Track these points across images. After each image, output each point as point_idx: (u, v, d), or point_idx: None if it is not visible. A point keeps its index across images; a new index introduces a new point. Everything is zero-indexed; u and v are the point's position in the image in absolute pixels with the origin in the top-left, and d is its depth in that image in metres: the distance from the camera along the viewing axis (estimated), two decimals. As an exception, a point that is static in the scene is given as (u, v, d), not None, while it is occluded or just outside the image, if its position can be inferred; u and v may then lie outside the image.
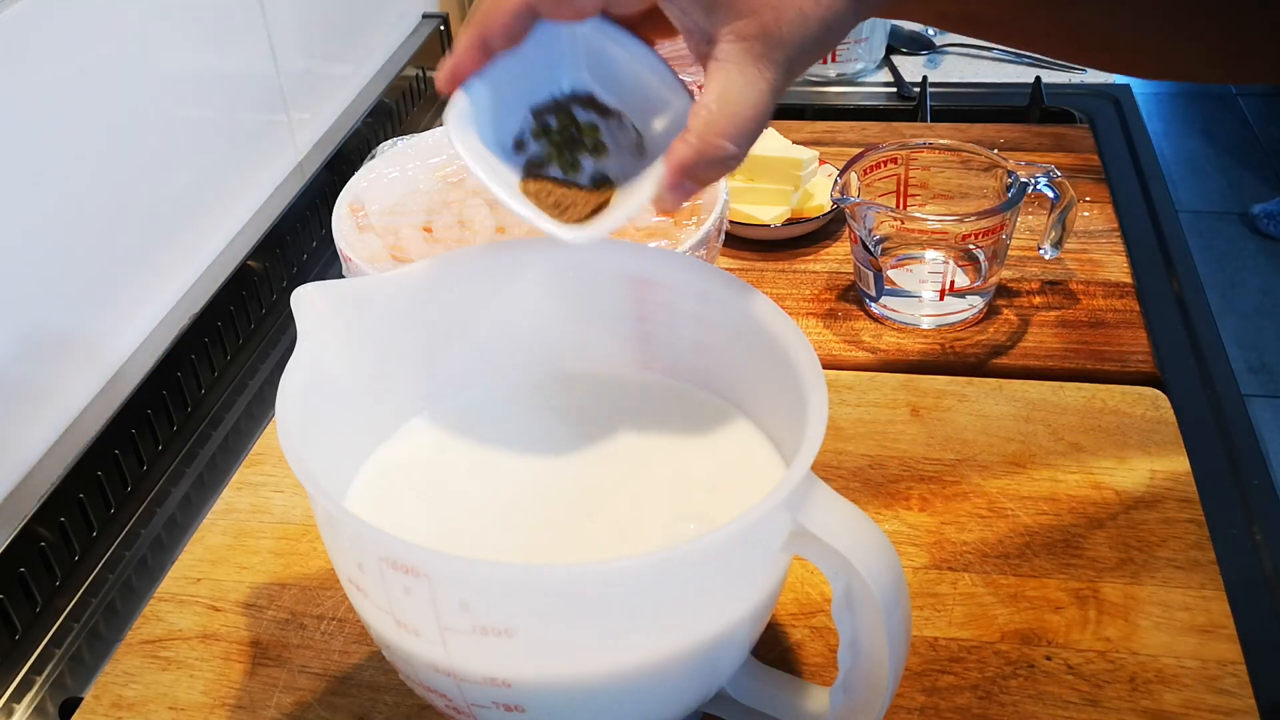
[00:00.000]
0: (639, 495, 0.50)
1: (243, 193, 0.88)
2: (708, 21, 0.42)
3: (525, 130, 0.48)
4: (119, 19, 0.72)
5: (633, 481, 0.50)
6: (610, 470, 0.51)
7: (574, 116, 0.48)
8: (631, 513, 0.49)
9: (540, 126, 0.48)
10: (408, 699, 0.53)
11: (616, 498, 0.50)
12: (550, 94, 0.48)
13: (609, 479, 0.51)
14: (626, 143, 0.48)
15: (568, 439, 0.53)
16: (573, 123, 0.48)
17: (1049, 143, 0.97)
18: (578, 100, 0.48)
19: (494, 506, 0.50)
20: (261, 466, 0.67)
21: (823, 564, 0.42)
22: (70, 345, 0.69)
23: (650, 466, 0.51)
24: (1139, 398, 0.68)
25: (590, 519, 0.49)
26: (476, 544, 0.48)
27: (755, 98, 0.42)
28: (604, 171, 0.48)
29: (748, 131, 0.43)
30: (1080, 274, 0.81)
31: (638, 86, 0.47)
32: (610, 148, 0.48)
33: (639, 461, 0.52)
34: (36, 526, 0.63)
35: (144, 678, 0.55)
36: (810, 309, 0.80)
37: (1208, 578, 0.57)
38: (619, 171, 0.48)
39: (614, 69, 0.47)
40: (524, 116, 0.48)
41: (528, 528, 0.48)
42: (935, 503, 0.62)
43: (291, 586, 0.60)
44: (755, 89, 0.42)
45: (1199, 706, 0.51)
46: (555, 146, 0.48)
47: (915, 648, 0.54)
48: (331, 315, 0.48)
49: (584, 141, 0.48)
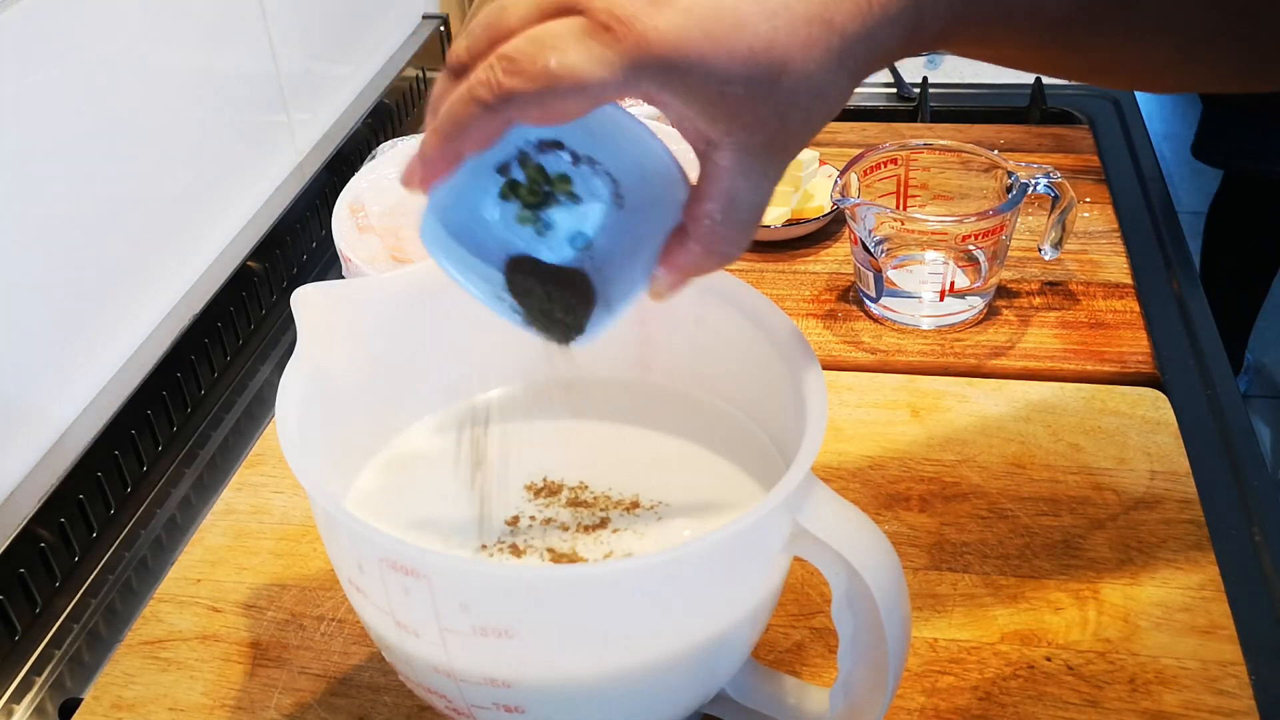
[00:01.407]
0: (639, 496, 0.50)
1: (243, 193, 0.88)
2: (710, 130, 0.40)
3: (495, 195, 0.45)
4: (119, 19, 0.72)
5: (633, 482, 0.50)
6: (610, 471, 0.51)
7: (543, 169, 0.44)
8: (632, 514, 0.49)
9: (509, 184, 0.45)
10: (408, 700, 0.53)
11: (617, 499, 0.50)
12: (516, 146, 0.44)
13: (609, 480, 0.51)
14: (603, 191, 0.45)
15: (568, 440, 0.53)
16: (543, 177, 0.45)
17: (1049, 143, 0.97)
18: (545, 147, 0.44)
19: (494, 507, 0.50)
20: (261, 467, 0.67)
21: (823, 564, 0.42)
22: (70, 345, 0.69)
23: (650, 467, 0.51)
24: (1139, 398, 0.68)
25: (590, 520, 0.49)
26: (476, 545, 0.48)
27: (759, 201, 0.41)
28: (582, 231, 0.46)
29: (750, 235, 0.42)
30: (1080, 275, 0.81)
31: (607, 131, 0.43)
32: (584, 198, 0.45)
33: (639, 463, 0.52)
34: (36, 527, 0.63)
35: (144, 678, 0.55)
36: (810, 310, 0.80)
37: (1208, 578, 0.57)
38: (598, 228, 0.45)
39: (582, 118, 0.42)
40: (492, 179, 0.45)
41: (527, 528, 0.48)
42: (935, 503, 0.62)
43: (291, 587, 0.60)
44: (759, 193, 0.41)
45: (1199, 707, 0.51)
46: (527, 208, 0.45)
47: (915, 648, 0.54)
48: (331, 315, 0.48)
49: (556, 196, 0.45)
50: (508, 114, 0.38)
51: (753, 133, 0.39)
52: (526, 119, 0.38)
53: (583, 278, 0.46)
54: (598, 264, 0.46)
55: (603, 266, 0.46)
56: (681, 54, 0.37)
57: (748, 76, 0.38)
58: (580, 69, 0.36)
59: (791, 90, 0.39)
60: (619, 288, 0.45)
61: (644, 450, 0.52)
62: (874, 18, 0.40)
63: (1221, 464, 0.66)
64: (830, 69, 0.40)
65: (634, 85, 0.38)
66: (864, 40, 0.40)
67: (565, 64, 0.36)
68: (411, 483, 0.51)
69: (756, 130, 0.39)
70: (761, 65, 0.38)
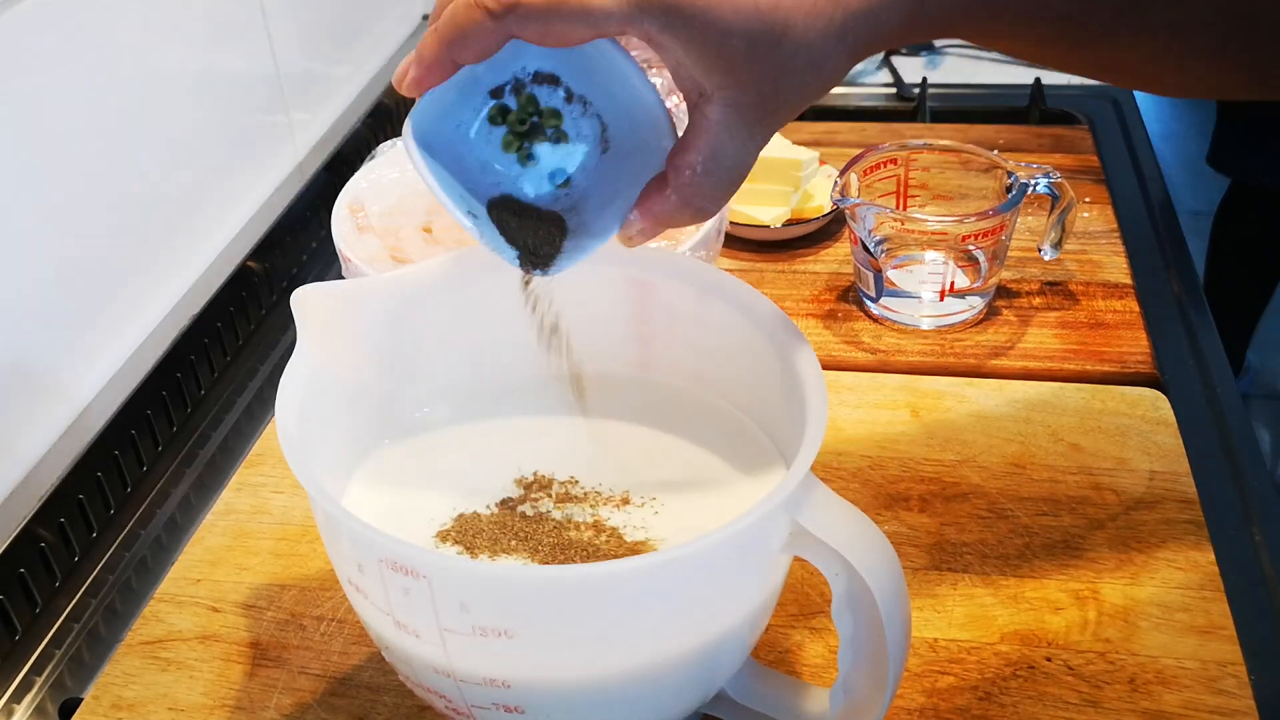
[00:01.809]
0: (639, 496, 0.50)
1: (242, 193, 0.88)
2: (704, 80, 0.40)
3: (483, 117, 0.45)
4: (119, 20, 0.72)
5: (633, 482, 0.50)
6: (610, 471, 0.51)
7: (535, 100, 0.45)
8: (632, 514, 0.49)
9: (499, 109, 0.45)
10: (407, 700, 0.53)
11: (617, 499, 0.50)
12: (512, 73, 0.44)
13: (609, 480, 0.51)
14: (590, 133, 0.46)
15: (568, 440, 0.53)
16: (534, 107, 0.45)
17: (1049, 144, 0.97)
18: (541, 80, 0.45)
19: (493, 507, 0.50)
20: (261, 467, 0.67)
21: (823, 564, 0.42)
22: (70, 345, 0.69)
23: (650, 467, 0.51)
24: (1139, 398, 0.68)
25: (590, 520, 0.49)
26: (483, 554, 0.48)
27: (743, 161, 0.42)
28: (564, 169, 0.46)
29: (729, 194, 0.43)
30: (1080, 275, 0.81)
31: (604, 73, 0.44)
32: (572, 137, 0.46)
33: (639, 462, 0.52)
34: (36, 527, 0.63)
35: (144, 678, 0.55)
36: (810, 310, 0.80)
37: (1207, 578, 0.57)
38: (580, 168, 0.46)
39: (582, 54, 0.43)
40: (484, 100, 0.45)
41: (527, 529, 0.48)
42: (935, 503, 0.62)
43: (291, 587, 0.60)
44: (744, 153, 0.41)
45: (1199, 707, 0.51)
46: (514, 135, 0.45)
47: (915, 648, 0.54)
48: (331, 315, 0.48)
49: (544, 129, 0.46)
50: (509, 26, 0.38)
51: (745, 90, 0.40)
52: (527, 35, 0.38)
53: (557, 216, 0.46)
54: (574, 202, 0.46)
55: (579, 205, 0.46)
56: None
57: (750, 32, 0.39)
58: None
59: (790, 54, 0.40)
60: (593, 228, 0.45)
61: (643, 449, 0.52)
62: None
63: (1221, 464, 0.66)
64: (830, 41, 0.40)
65: (637, 22, 0.38)
66: (866, 17, 0.40)
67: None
68: (411, 482, 0.51)
69: (750, 88, 0.40)
70: (765, 23, 0.39)
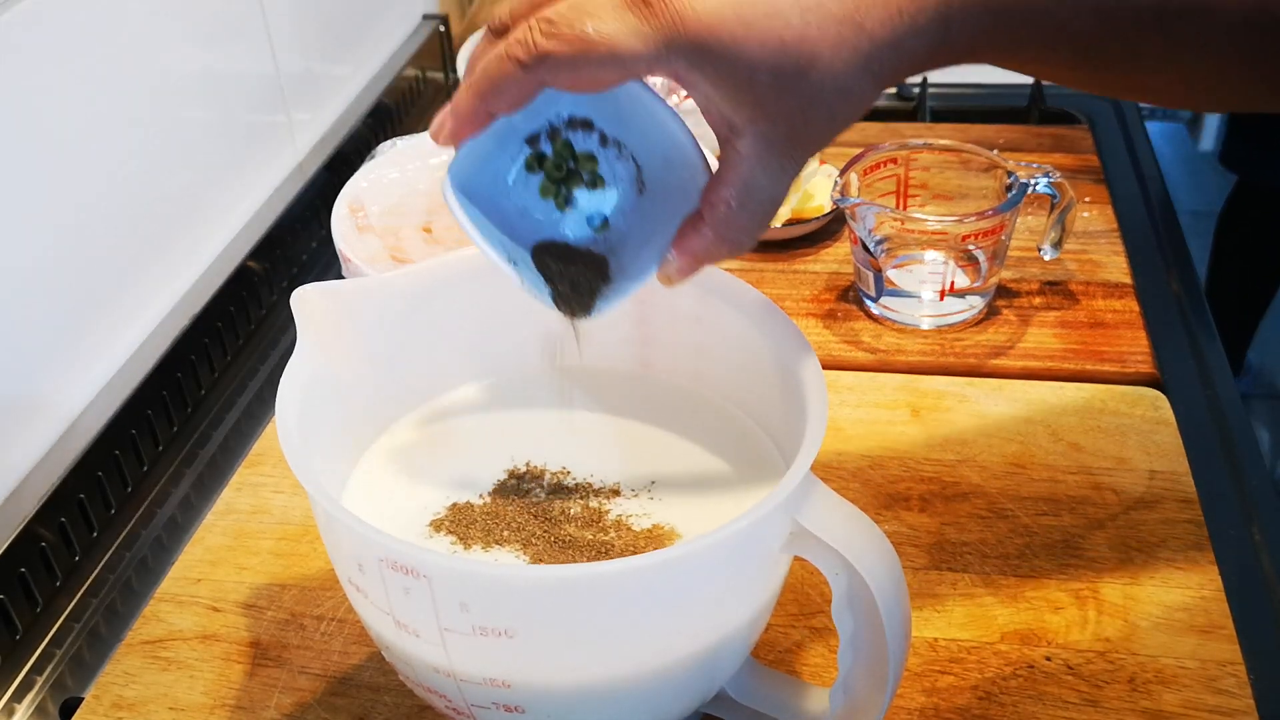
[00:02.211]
0: (639, 496, 0.50)
1: (242, 193, 0.88)
2: (734, 115, 0.40)
3: (520, 164, 0.46)
4: (119, 20, 0.72)
5: (633, 482, 0.51)
6: (611, 471, 0.51)
7: (571, 145, 0.46)
8: (632, 513, 0.49)
9: (535, 156, 0.46)
10: (407, 699, 0.53)
11: (617, 498, 0.50)
12: (547, 119, 0.45)
13: (609, 480, 0.51)
14: (625, 175, 0.46)
15: (568, 441, 0.53)
16: (570, 153, 0.46)
17: (1049, 143, 0.97)
18: (575, 125, 0.45)
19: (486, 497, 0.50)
20: (261, 467, 0.67)
21: (823, 564, 0.42)
22: (70, 345, 0.69)
23: (650, 467, 0.51)
24: (1138, 398, 0.68)
25: (590, 520, 0.49)
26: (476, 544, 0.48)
27: (776, 193, 0.42)
28: (601, 212, 0.47)
29: (765, 227, 0.43)
30: (1080, 274, 0.81)
31: (637, 115, 0.45)
32: (608, 181, 0.46)
33: (639, 462, 0.52)
34: (36, 527, 0.63)
35: (144, 678, 0.55)
36: (810, 309, 0.80)
37: (1207, 578, 0.57)
38: (616, 210, 0.47)
39: (614, 98, 0.44)
40: (520, 148, 0.46)
41: (527, 529, 0.48)
42: (935, 503, 0.62)
43: (291, 587, 0.60)
44: (777, 185, 0.41)
45: (1198, 707, 0.51)
46: (551, 181, 0.46)
47: (915, 648, 0.54)
48: (331, 315, 0.48)
49: (580, 174, 0.46)
50: (540, 75, 0.39)
51: (775, 123, 0.40)
52: (558, 83, 0.39)
53: (599, 259, 0.46)
54: (612, 245, 0.47)
55: (617, 248, 0.47)
56: (715, 36, 0.38)
57: (776, 66, 0.39)
58: (615, 38, 0.37)
59: (818, 86, 0.40)
60: (631, 269, 0.46)
61: (643, 449, 0.52)
62: (903, 27, 0.40)
63: (1221, 464, 0.66)
64: (857, 70, 0.40)
65: (666, 62, 0.39)
66: (892, 47, 0.40)
67: (602, 32, 0.37)
68: (411, 482, 0.51)
69: (780, 121, 0.40)
70: (791, 56, 0.39)
